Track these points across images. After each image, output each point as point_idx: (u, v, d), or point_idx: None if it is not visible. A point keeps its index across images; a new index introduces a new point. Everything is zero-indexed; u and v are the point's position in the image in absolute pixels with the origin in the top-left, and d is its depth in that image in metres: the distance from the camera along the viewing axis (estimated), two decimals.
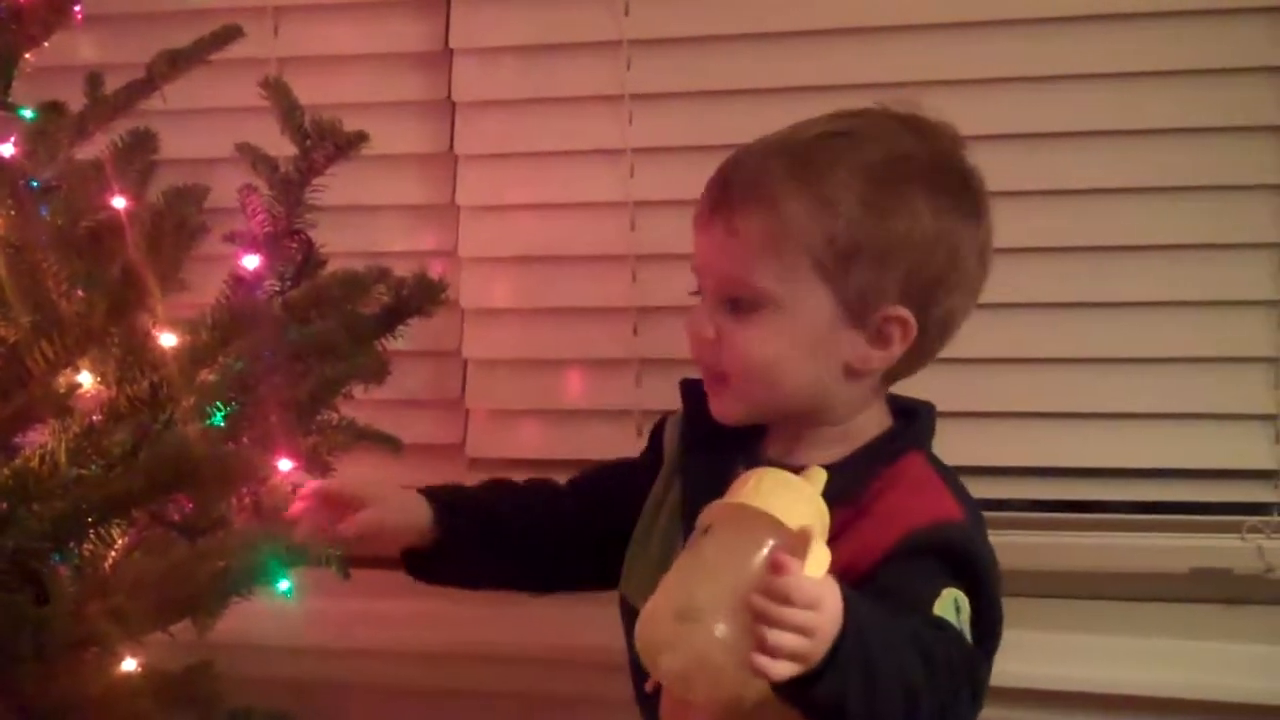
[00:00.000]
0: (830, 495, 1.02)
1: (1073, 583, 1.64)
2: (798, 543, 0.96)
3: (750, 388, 1.19)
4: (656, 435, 1.36)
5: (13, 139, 1.19)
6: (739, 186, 1.17)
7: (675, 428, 1.33)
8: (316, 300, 1.24)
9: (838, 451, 1.19)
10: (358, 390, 1.39)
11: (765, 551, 0.95)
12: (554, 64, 1.71)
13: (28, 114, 1.23)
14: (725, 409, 1.22)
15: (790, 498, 0.99)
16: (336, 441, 1.39)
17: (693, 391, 1.28)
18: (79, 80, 1.32)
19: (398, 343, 1.40)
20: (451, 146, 1.75)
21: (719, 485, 1.06)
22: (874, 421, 1.23)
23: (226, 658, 1.17)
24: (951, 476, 1.22)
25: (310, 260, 1.32)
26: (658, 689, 1.13)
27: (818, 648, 0.92)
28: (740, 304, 1.17)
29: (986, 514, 1.62)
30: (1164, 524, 1.62)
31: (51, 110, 1.24)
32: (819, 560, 0.95)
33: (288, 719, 1.35)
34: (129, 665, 1.09)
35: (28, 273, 1.05)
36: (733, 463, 1.19)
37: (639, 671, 1.09)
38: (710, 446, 1.24)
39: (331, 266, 1.38)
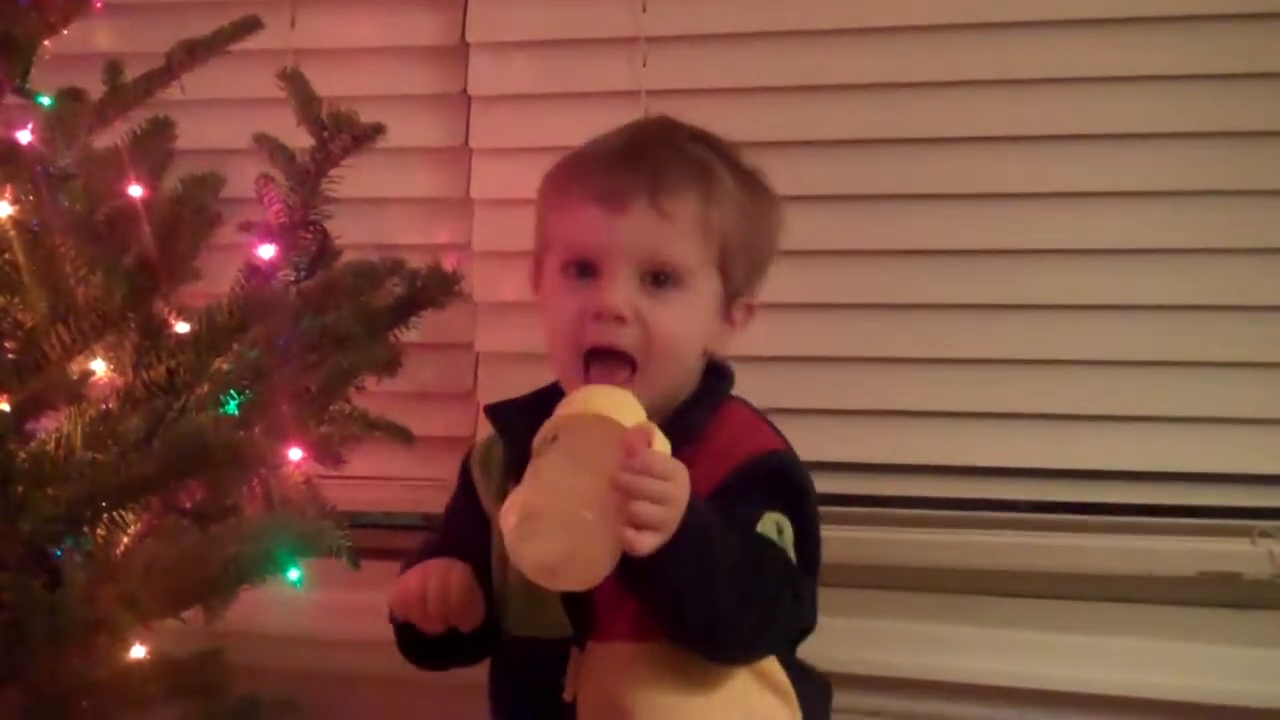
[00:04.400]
0: (673, 439, 1.09)
1: (1082, 585, 1.64)
2: (642, 433, 1.04)
3: (664, 367, 1.22)
4: (466, 477, 1.36)
5: (31, 126, 1.19)
6: (673, 172, 1.22)
7: (483, 458, 1.34)
8: (331, 290, 1.25)
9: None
10: (370, 382, 1.39)
11: (615, 442, 1.03)
12: (570, 59, 1.71)
13: (46, 101, 1.24)
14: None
15: (618, 402, 1.08)
16: (348, 432, 1.40)
17: (503, 415, 1.30)
18: (97, 68, 1.33)
19: (411, 335, 1.40)
20: (467, 140, 1.75)
21: None
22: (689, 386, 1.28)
23: (235, 646, 1.17)
24: (770, 422, 1.29)
25: (325, 251, 1.33)
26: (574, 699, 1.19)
27: (674, 514, 1.02)
28: (664, 282, 1.21)
29: (995, 515, 1.65)
30: (1174, 527, 1.61)
31: (70, 98, 1.24)
32: (663, 446, 1.05)
33: (295, 708, 1.36)
34: (138, 651, 1.10)
35: (45, 258, 1.06)
36: None
37: (543, 683, 1.19)
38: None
39: (346, 259, 1.39)
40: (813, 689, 1.23)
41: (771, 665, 1.18)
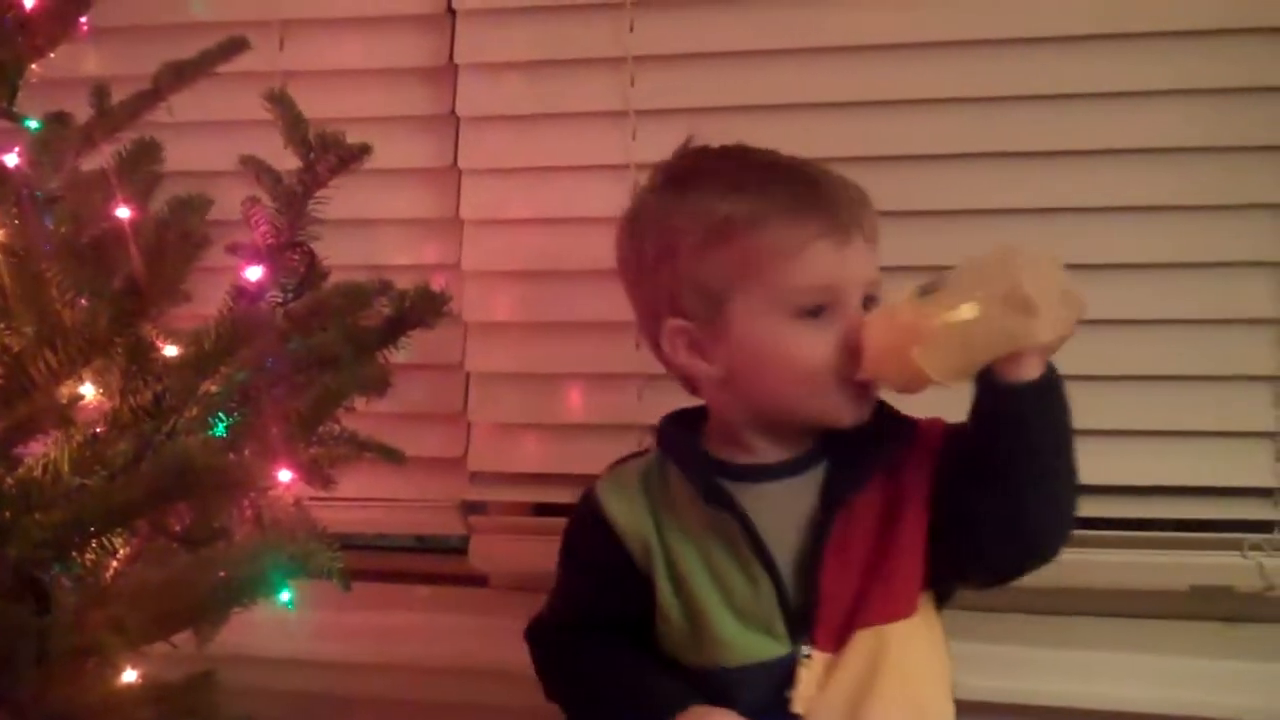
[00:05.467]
0: (890, 434, 1.24)
1: (1073, 599, 1.64)
2: None
3: None
4: (601, 526, 1.32)
5: (17, 149, 1.19)
6: (865, 204, 1.27)
7: (625, 490, 1.32)
8: (318, 311, 1.25)
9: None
10: (360, 402, 1.39)
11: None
12: (558, 79, 1.72)
13: (33, 124, 1.24)
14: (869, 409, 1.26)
15: None
16: (338, 453, 1.39)
17: (683, 439, 1.32)
18: (85, 92, 1.33)
19: (400, 355, 1.40)
20: (455, 161, 1.75)
21: (787, 505, 1.24)
22: None
23: (226, 669, 1.17)
24: None
25: (312, 272, 1.33)
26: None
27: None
28: (869, 302, 1.26)
29: None
30: (1164, 541, 1.61)
31: (57, 121, 1.24)
32: None
33: None
34: (129, 676, 1.09)
35: (31, 282, 1.05)
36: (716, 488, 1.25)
37: (765, 704, 1.21)
38: (716, 483, 1.26)
39: (335, 279, 1.39)
40: None
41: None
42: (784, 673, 1.22)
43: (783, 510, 1.25)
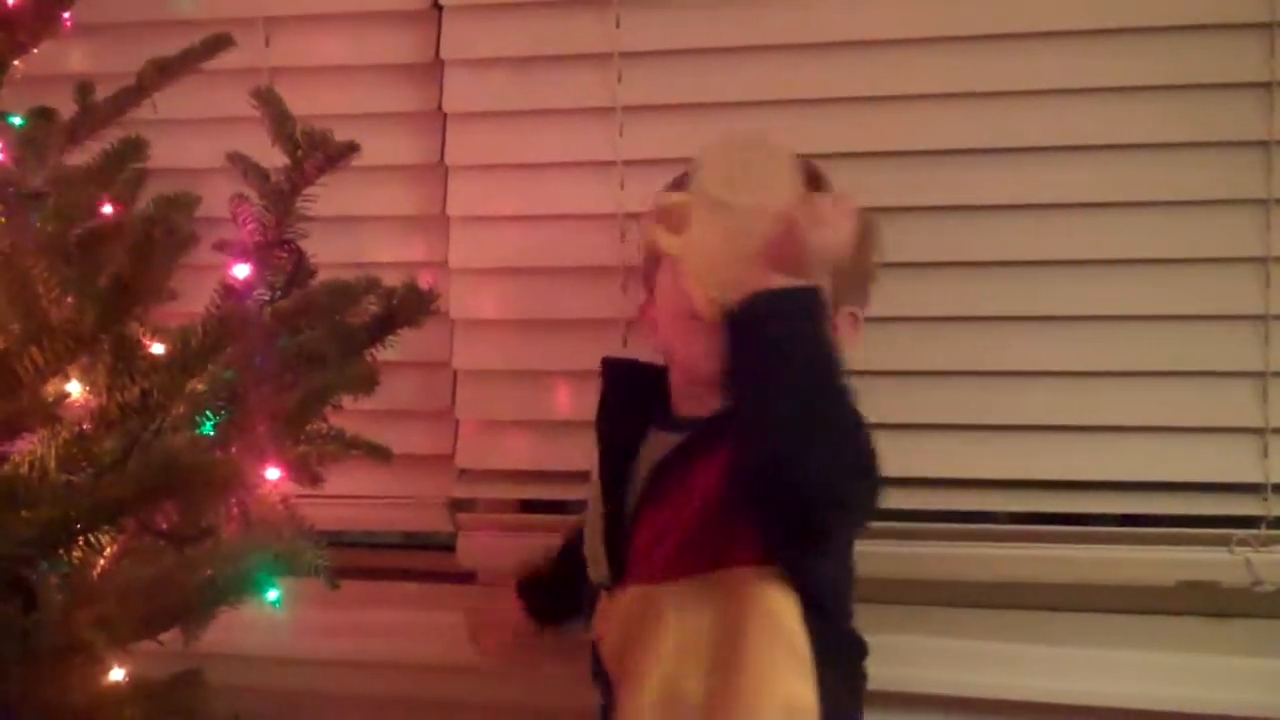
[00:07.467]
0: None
1: (1061, 596, 1.64)
2: None
3: None
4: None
5: (1, 146, 1.19)
6: None
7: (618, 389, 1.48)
8: (306, 309, 1.24)
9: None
10: (347, 400, 1.39)
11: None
12: (545, 75, 1.71)
13: (17, 121, 1.23)
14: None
15: None
16: (326, 451, 1.39)
17: (613, 368, 1.48)
18: (69, 88, 1.32)
19: (387, 353, 1.40)
20: (442, 157, 1.75)
21: (632, 448, 1.36)
22: None
23: (213, 667, 1.17)
24: None
25: (300, 270, 1.32)
26: None
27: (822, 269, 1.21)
28: None
29: (974, 526, 1.65)
30: (1152, 537, 1.62)
31: (41, 117, 1.23)
32: None
33: None
34: (116, 674, 1.09)
35: (17, 280, 1.05)
36: (643, 426, 1.39)
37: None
38: (623, 415, 1.42)
39: (322, 276, 1.38)
40: (835, 645, 1.28)
41: (791, 621, 1.22)
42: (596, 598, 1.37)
43: (650, 459, 1.34)
